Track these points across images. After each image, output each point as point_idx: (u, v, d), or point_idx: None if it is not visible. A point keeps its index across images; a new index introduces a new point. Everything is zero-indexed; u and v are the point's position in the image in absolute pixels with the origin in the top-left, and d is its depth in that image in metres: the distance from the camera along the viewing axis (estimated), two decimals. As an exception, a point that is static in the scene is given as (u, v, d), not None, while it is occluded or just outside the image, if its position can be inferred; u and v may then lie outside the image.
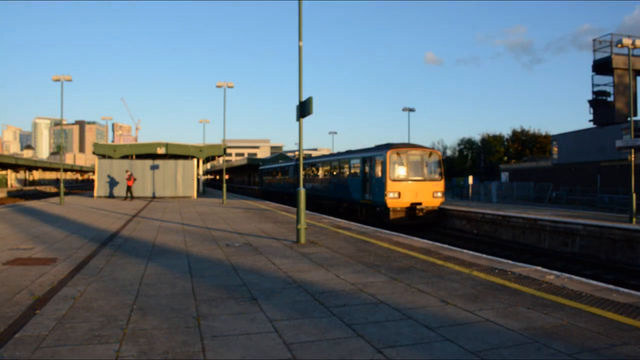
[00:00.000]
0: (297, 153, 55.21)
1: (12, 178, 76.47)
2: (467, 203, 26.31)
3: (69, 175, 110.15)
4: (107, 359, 3.93)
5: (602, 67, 32.88)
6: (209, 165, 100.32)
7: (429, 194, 20.42)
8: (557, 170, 40.46)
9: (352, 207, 23.59)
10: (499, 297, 6.00)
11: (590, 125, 35.61)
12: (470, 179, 26.99)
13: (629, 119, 19.30)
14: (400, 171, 20.27)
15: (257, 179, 55.01)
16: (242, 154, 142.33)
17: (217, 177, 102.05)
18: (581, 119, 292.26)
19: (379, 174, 20.48)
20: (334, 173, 26.44)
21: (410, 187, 20.12)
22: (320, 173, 29.48)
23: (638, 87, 32.90)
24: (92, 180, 58.93)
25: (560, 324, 4.89)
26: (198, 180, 39.01)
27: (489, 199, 31.85)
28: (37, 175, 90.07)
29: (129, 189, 29.77)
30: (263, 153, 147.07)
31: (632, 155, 16.90)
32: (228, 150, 65.34)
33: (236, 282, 6.80)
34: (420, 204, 20.25)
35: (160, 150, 37.30)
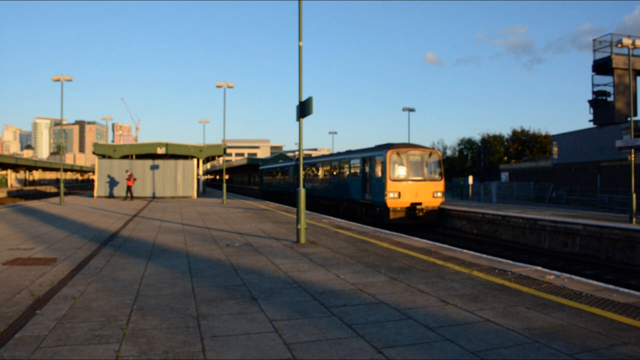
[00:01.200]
0: (297, 153, 55.15)
1: (12, 178, 76.45)
2: (467, 203, 26.31)
3: (69, 175, 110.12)
4: (107, 359, 3.93)
5: (602, 67, 32.88)
6: (209, 165, 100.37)
7: (429, 194, 20.42)
8: (557, 170, 40.47)
9: (352, 207, 23.58)
10: (499, 297, 6.00)
11: (590, 125, 35.63)
12: (470, 179, 26.97)
13: (629, 119, 19.31)
14: (400, 171, 20.26)
15: (257, 179, 55.04)
16: (242, 154, 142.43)
17: (217, 177, 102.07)
18: (581, 119, 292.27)
19: (379, 174, 20.48)
20: (334, 173, 26.43)
21: (410, 187, 20.12)
22: (320, 173, 29.45)
23: (638, 87, 32.90)
24: (92, 180, 58.94)
25: (560, 324, 4.88)
26: (198, 180, 39.02)
27: (489, 199, 31.86)
28: (37, 175, 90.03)
29: (129, 189, 29.77)
30: (263, 153, 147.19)
31: (632, 155, 16.90)
32: (228, 150, 65.31)
33: (236, 282, 6.80)
34: (420, 204, 20.25)
35: (160, 150, 37.30)
